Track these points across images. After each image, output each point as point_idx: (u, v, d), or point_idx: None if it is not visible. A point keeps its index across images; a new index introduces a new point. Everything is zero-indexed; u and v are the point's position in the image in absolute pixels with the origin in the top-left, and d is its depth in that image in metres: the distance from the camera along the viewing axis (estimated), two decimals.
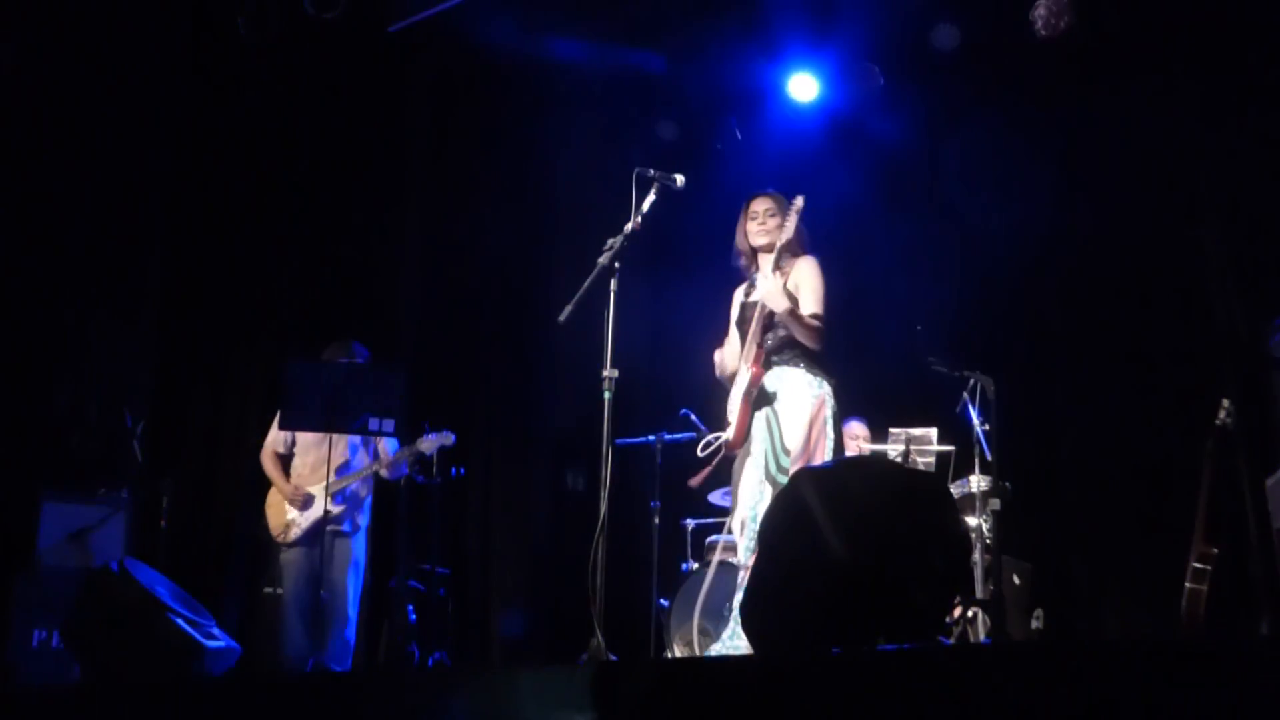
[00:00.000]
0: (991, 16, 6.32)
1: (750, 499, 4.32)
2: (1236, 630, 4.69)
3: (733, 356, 4.62)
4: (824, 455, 4.36)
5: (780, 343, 4.44)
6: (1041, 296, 6.41)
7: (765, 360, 4.41)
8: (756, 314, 4.40)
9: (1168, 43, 5.92)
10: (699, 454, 4.47)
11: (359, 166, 7.27)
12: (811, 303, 4.44)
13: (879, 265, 6.91)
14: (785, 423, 4.34)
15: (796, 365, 4.43)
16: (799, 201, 4.47)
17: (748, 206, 4.69)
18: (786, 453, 4.31)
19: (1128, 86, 6.14)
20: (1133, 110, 6.13)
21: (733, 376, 4.57)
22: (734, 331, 4.71)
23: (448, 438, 5.74)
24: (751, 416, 4.40)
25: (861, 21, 6.59)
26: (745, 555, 4.26)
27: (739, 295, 4.76)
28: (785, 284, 4.43)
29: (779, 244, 4.51)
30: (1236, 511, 4.60)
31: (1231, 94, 5.75)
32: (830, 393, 4.44)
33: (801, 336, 4.41)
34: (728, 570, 4.95)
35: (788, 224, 4.51)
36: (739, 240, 4.70)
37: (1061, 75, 6.29)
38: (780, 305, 4.33)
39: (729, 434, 4.45)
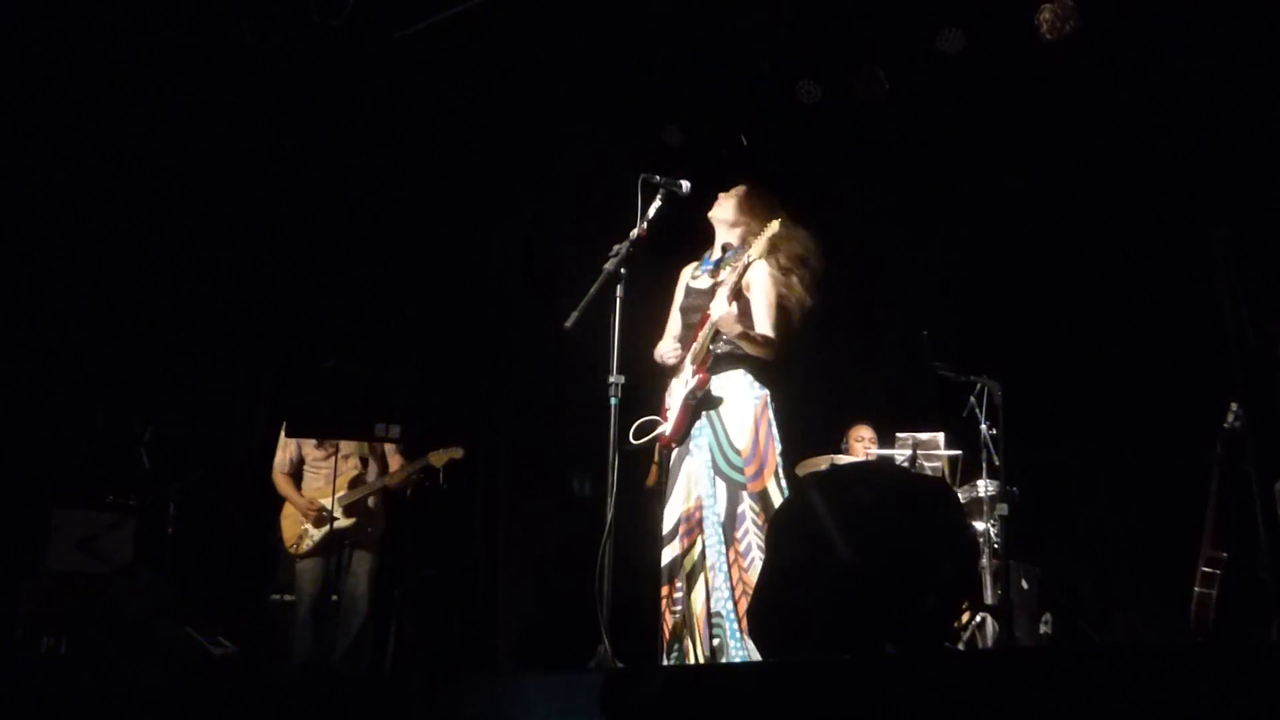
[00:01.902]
0: (997, 20, 6.31)
1: (699, 493, 4.31)
2: (1246, 634, 4.68)
3: (673, 342, 4.61)
4: (775, 457, 4.35)
5: (731, 345, 4.43)
6: (1048, 300, 6.40)
7: (711, 366, 4.40)
8: (707, 325, 4.38)
9: (1172, 46, 5.92)
10: (631, 440, 4.43)
11: (364, 173, 7.28)
12: (764, 319, 4.43)
13: (885, 269, 6.91)
14: (730, 425, 4.35)
15: (737, 369, 4.43)
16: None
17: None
18: (737, 452, 4.30)
19: (1133, 89, 6.14)
20: (1139, 113, 6.13)
21: (673, 365, 4.57)
22: (676, 315, 4.69)
23: (457, 451, 5.73)
24: (691, 418, 4.40)
25: (867, 25, 6.59)
26: (715, 552, 4.22)
27: (686, 276, 4.73)
28: (738, 279, 4.38)
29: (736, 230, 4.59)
30: (1245, 515, 4.59)
31: (1237, 96, 5.75)
32: (769, 397, 4.44)
33: (754, 351, 4.41)
34: None
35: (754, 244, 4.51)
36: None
37: (1067, 78, 6.28)
38: (733, 331, 4.33)
39: (666, 429, 4.44)
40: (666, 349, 4.63)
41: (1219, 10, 5.77)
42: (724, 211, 4.66)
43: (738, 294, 4.34)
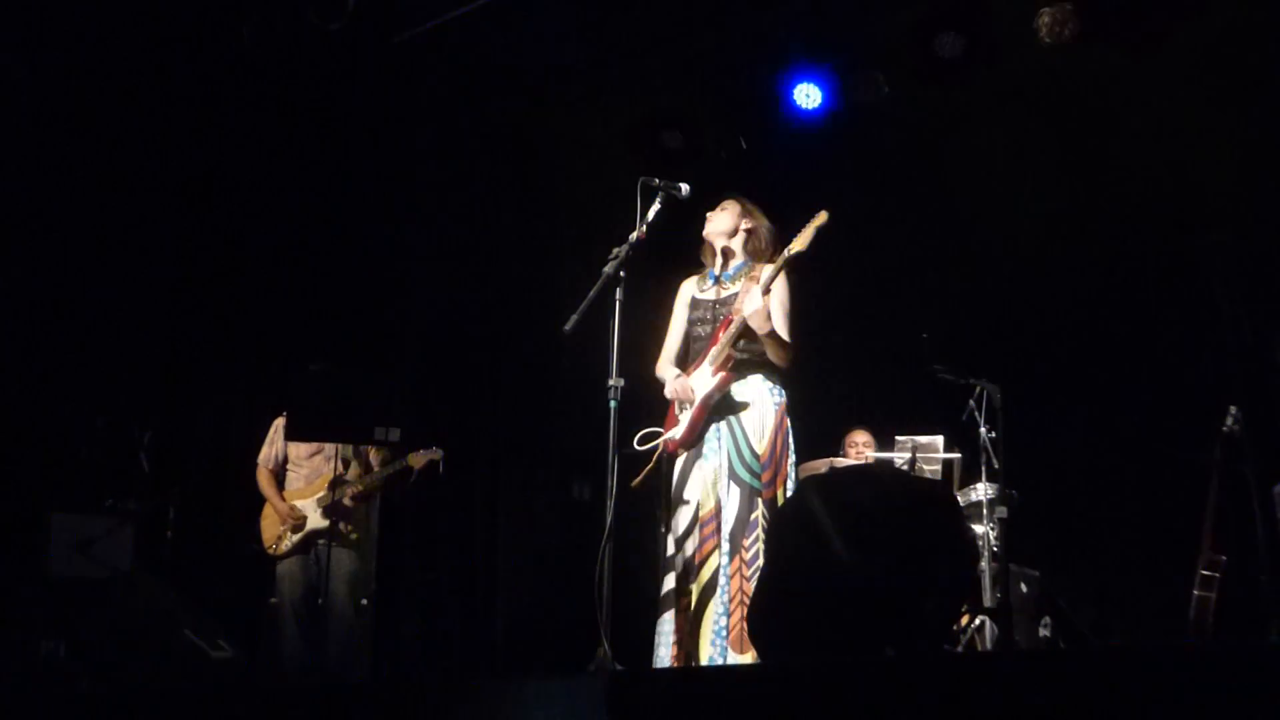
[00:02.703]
0: (996, 24, 6.32)
1: (711, 497, 4.28)
2: (1245, 637, 4.68)
3: (676, 355, 4.58)
4: (789, 468, 4.34)
5: (750, 352, 4.41)
6: (1048, 303, 6.40)
7: (734, 367, 4.37)
8: (733, 323, 4.36)
9: (1172, 48, 5.92)
10: (636, 446, 4.40)
11: (364, 176, 7.29)
12: (782, 324, 4.41)
13: (885, 273, 6.91)
14: (750, 429, 4.31)
15: (757, 373, 4.41)
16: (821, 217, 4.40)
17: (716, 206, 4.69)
18: (756, 457, 4.28)
19: (1133, 92, 6.14)
20: (1138, 116, 6.14)
21: (679, 373, 4.53)
22: (680, 326, 4.65)
23: (436, 453, 5.70)
24: (707, 420, 4.36)
25: (866, 28, 6.60)
26: (727, 558, 4.20)
27: (690, 290, 4.68)
28: (775, 274, 4.36)
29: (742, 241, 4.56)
30: (1244, 519, 4.60)
31: (1237, 98, 5.75)
32: (785, 403, 4.42)
33: (774, 355, 4.38)
34: None
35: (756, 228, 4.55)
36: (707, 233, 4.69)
37: (1066, 81, 6.29)
38: (765, 328, 4.29)
39: (677, 432, 4.39)
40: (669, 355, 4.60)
41: (1216, 10, 5.78)
42: (722, 223, 4.60)
43: (766, 291, 4.30)
